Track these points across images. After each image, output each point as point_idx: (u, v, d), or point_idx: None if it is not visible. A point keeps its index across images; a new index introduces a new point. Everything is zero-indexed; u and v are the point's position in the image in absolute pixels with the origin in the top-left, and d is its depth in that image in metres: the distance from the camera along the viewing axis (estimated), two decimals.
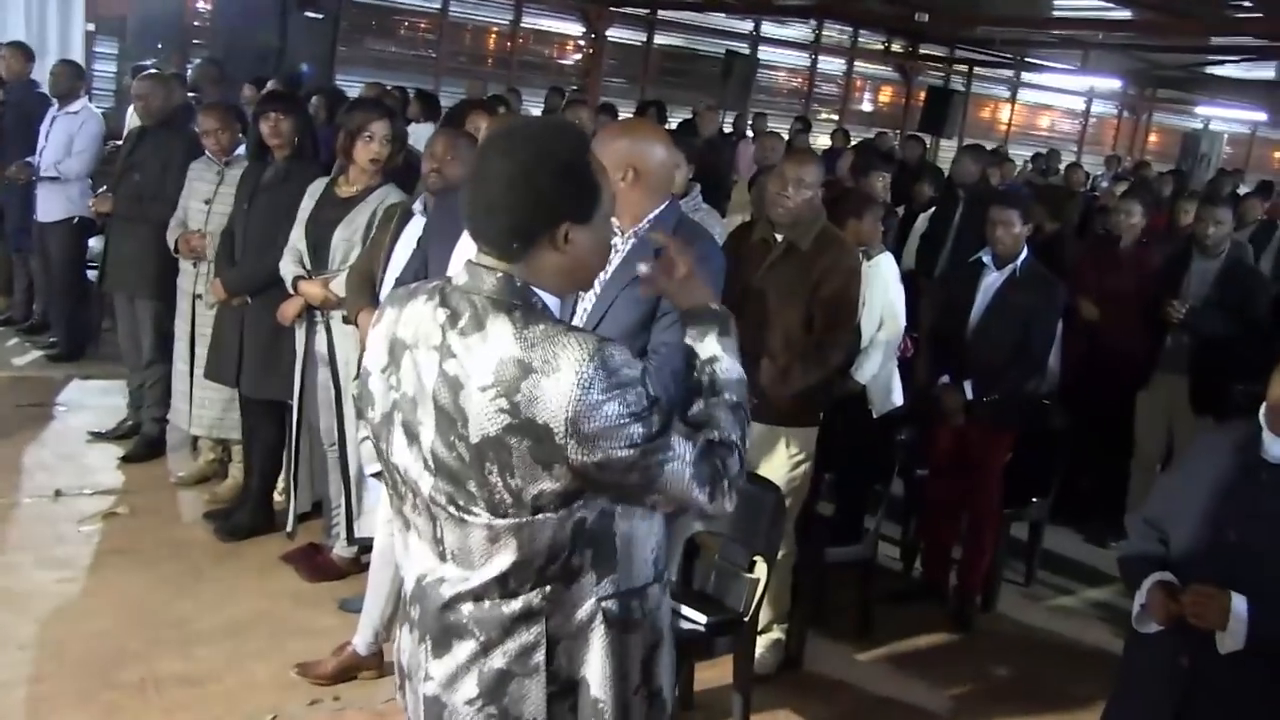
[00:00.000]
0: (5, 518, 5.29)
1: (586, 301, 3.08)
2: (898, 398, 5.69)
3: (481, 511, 2.04)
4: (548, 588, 2.09)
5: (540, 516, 2.02)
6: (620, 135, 3.17)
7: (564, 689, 2.13)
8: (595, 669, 2.13)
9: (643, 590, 2.19)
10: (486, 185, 2.04)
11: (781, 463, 4.43)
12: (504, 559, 2.06)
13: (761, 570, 4.12)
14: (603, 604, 2.12)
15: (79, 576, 4.85)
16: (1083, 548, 6.53)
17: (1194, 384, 6.15)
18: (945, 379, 5.23)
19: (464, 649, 2.14)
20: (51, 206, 7.31)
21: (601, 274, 2.77)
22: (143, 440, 6.12)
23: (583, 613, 2.12)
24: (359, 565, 4.89)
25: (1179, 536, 2.91)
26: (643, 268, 2.31)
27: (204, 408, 5.59)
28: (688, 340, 2.27)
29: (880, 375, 5.49)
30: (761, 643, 4.57)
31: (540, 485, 1.98)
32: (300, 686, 4.16)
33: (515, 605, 2.09)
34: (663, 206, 3.22)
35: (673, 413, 2.05)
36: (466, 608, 2.12)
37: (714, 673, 4.31)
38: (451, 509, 2.07)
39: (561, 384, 1.93)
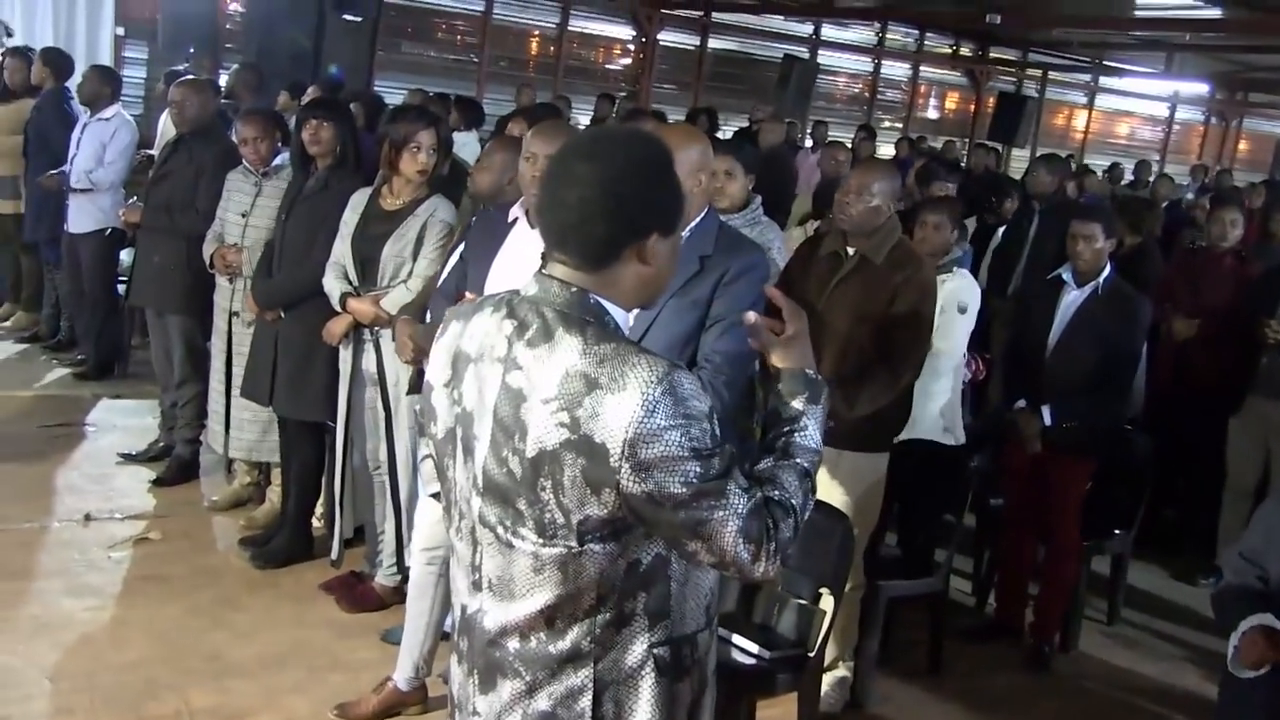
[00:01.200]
0: (33, 543, 5.37)
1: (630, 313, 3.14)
2: (953, 435, 5.60)
3: (529, 534, 2.05)
4: (598, 630, 2.10)
5: (587, 549, 2.03)
6: None
7: None
8: (643, 718, 2.15)
9: (694, 637, 2.21)
10: (578, 191, 2.05)
11: (850, 489, 4.44)
12: (546, 593, 2.08)
13: (828, 603, 4.12)
14: (654, 650, 2.14)
15: (109, 605, 4.92)
16: (1170, 585, 6.47)
17: None
18: (1021, 403, 5.22)
19: (509, 688, 2.16)
20: (83, 218, 7.42)
21: None
22: (175, 463, 6.21)
23: (633, 658, 2.13)
24: (401, 595, 4.90)
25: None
26: (751, 316, 2.32)
27: (242, 430, 5.64)
28: (777, 398, 2.27)
29: (930, 403, 5.39)
30: (827, 680, 4.58)
31: (587, 510, 2.00)
32: None
33: (563, 645, 2.10)
34: (702, 215, 3.34)
35: (734, 459, 2.05)
36: (512, 644, 2.14)
37: (775, 711, 4.28)
38: (500, 531, 2.09)
39: (625, 403, 1.94)
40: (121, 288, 7.30)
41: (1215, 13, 13.62)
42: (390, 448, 4.88)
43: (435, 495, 2.71)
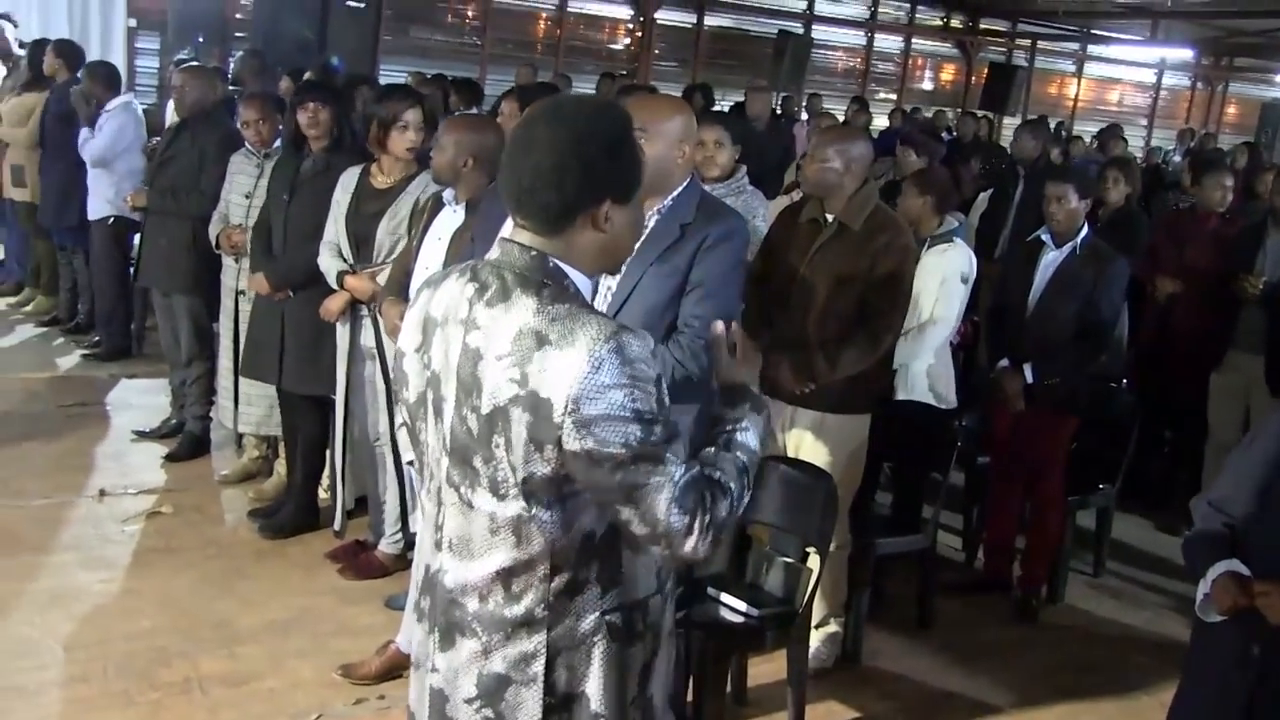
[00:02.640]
0: (50, 518, 5.36)
1: (612, 280, 3.10)
2: (949, 395, 5.52)
3: (485, 493, 2.04)
4: (551, 598, 2.08)
5: (535, 514, 2.02)
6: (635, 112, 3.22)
7: (561, 702, 2.12)
8: (595, 683, 2.13)
9: (645, 602, 2.18)
10: (534, 157, 2.04)
11: (833, 450, 4.39)
12: (501, 555, 2.07)
13: (814, 562, 4.09)
14: (606, 617, 2.12)
15: (122, 576, 4.91)
16: (1155, 536, 6.43)
17: (1271, 363, 6.01)
18: (1004, 363, 5.18)
19: (466, 647, 2.15)
20: (94, 204, 7.40)
21: None
22: (186, 439, 6.19)
23: (586, 625, 2.11)
24: (404, 562, 4.92)
25: (1248, 521, 2.85)
26: (719, 326, 2.34)
27: (251, 405, 5.64)
28: (721, 406, 2.26)
29: (918, 366, 5.35)
30: (817, 636, 4.55)
31: (531, 467, 1.98)
32: (345, 685, 4.19)
33: (518, 610, 2.09)
34: (684, 185, 3.29)
35: (677, 431, 2.02)
36: (471, 604, 2.13)
37: (769, 667, 4.31)
38: (462, 490, 2.08)
39: (572, 359, 1.93)
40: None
41: None
42: (390, 419, 4.85)
43: (412, 462, 2.69)
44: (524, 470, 1.99)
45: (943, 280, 5.26)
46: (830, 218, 4.36)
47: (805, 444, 4.39)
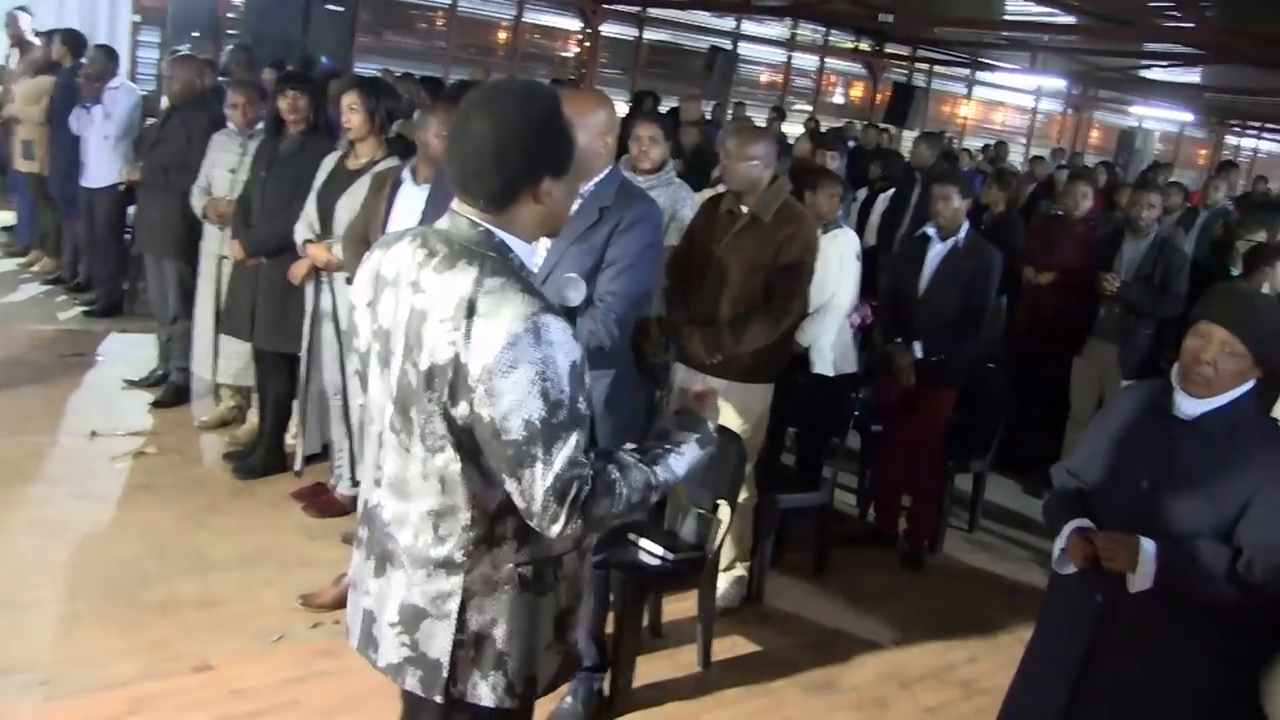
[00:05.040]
0: (45, 455, 5.23)
1: (538, 256, 3.03)
2: (849, 365, 5.57)
3: (418, 442, 2.00)
4: (470, 545, 2.04)
5: (459, 467, 1.97)
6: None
7: (471, 639, 2.09)
8: (503, 627, 2.10)
9: (559, 559, 2.13)
10: (474, 147, 1.97)
11: (739, 415, 4.34)
12: (430, 499, 2.03)
13: (725, 512, 4.07)
14: (519, 569, 2.08)
15: (110, 508, 4.80)
16: (1022, 498, 6.48)
17: (1123, 350, 6.11)
18: (898, 340, 5.19)
19: (394, 577, 2.12)
20: (100, 173, 7.20)
21: None
22: (170, 388, 6.06)
23: (498, 575, 2.07)
24: None
25: (1097, 485, 2.86)
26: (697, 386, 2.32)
27: (229, 359, 5.54)
28: (674, 427, 2.18)
29: (825, 341, 5.37)
30: (725, 579, 4.53)
31: (456, 423, 1.94)
32: (304, 611, 4.11)
33: (441, 551, 2.05)
34: (606, 172, 3.23)
35: (582, 422, 1.94)
36: (404, 539, 2.09)
37: (682, 605, 4.30)
38: (402, 437, 2.04)
39: (493, 332, 1.88)
40: (128, 237, 7.12)
41: (1069, 19, 13.53)
42: (344, 376, 4.75)
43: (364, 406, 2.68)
44: (450, 425, 1.94)
45: (840, 261, 5.25)
46: (745, 209, 4.30)
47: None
